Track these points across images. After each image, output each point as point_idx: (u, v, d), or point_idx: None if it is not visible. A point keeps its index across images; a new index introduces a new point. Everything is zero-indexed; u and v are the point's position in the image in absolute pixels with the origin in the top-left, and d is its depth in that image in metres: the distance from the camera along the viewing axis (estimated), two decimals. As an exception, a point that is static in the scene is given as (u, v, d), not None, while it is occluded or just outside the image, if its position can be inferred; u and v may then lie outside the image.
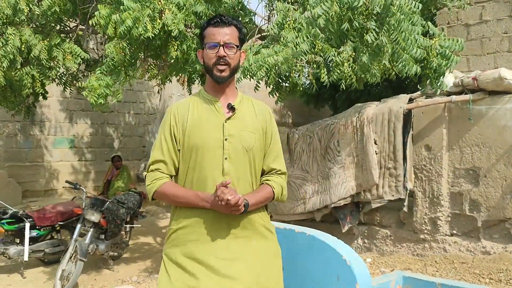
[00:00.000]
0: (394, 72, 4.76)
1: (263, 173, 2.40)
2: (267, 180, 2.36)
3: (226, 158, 2.25)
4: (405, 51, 4.33)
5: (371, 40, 4.25)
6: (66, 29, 7.10)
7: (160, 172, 2.30)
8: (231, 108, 2.32)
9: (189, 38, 5.28)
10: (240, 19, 5.89)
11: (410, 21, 4.34)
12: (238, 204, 2.10)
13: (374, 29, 4.26)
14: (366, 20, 4.29)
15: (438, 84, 4.94)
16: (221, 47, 2.23)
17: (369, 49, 4.40)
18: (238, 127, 2.29)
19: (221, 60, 2.24)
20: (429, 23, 4.71)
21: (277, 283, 2.33)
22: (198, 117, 2.30)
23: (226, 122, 2.28)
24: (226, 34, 2.24)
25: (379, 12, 4.27)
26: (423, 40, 4.49)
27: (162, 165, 2.30)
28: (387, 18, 4.23)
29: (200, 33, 2.35)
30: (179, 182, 2.34)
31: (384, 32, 4.25)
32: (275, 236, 2.41)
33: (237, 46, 2.28)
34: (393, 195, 6.28)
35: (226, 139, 2.26)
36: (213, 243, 2.22)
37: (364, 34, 4.30)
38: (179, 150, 2.31)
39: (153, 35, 4.84)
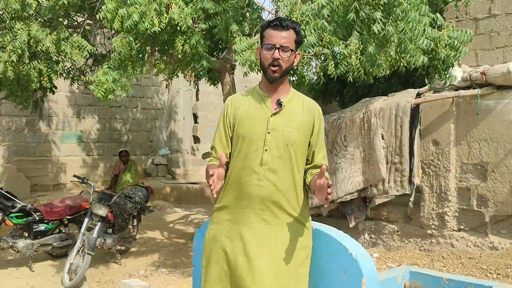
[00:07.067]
0: (402, 64, 4.73)
1: (308, 165, 2.54)
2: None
3: (266, 150, 2.44)
4: (412, 42, 4.30)
5: (378, 30, 4.23)
6: (73, 23, 7.12)
7: (212, 156, 2.58)
8: (279, 104, 2.49)
9: (196, 33, 5.27)
10: (248, 15, 5.86)
11: (418, 12, 4.31)
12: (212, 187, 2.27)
13: (380, 19, 4.23)
14: (372, 10, 4.26)
15: (447, 75, 4.91)
16: (277, 50, 2.39)
17: (375, 39, 4.37)
18: (282, 123, 2.45)
19: (275, 62, 2.40)
20: (438, 14, 4.67)
21: (297, 279, 2.45)
22: (248, 110, 2.51)
23: (271, 116, 2.46)
24: (283, 37, 2.40)
25: (386, 2, 4.25)
26: (431, 31, 4.45)
27: (213, 151, 2.57)
28: (394, 8, 4.20)
29: (261, 32, 2.51)
30: (229, 167, 2.54)
31: (391, 22, 4.22)
32: (308, 230, 2.54)
33: (292, 50, 2.43)
34: (398, 190, 6.26)
35: (268, 132, 2.44)
36: (245, 225, 2.43)
37: (371, 25, 4.28)
38: (231, 137, 2.54)
39: (159, 30, 4.83)
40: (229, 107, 2.57)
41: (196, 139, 15.34)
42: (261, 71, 2.52)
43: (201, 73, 6.61)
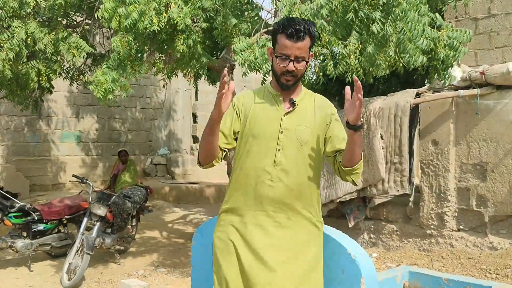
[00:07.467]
0: (401, 65, 4.72)
1: (334, 153, 2.44)
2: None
3: (279, 150, 2.36)
4: (411, 42, 4.29)
5: (377, 30, 4.22)
6: (72, 23, 7.11)
7: None
8: (292, 103, 2.42)
9: (195, 32, 5.26)
10: (246, 13, 5.86)
11: (417, 11, 4.31)
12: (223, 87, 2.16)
13: (379, 19, 4.22)
14: (371, 10, 4.26)
15: (446, 76, 4.90)
16: (291, 62, 2.30)
17: (374, 39, 4.37)
18: (295, 122, 2.38)
19: (289, 73, 2.32)
20: (437, 14, 4.68)
21: (309, 283, 2.38)
22: (260, 109, 2.42)
23: (284, 116, 2.39)
24: (298, 48, 2.29)
25: (385, 2, 4.25)
26: (430, 31, 4.45)
27: None
28: (393, 8, 4.20)
29: (273, 34, 2.38)
30: (234, 166, 2.48)
31: (390, 22, 4.22)
32: (320, 232, 2.47)
33: (307, 61, 2.35)
34: (398, 190, 6.26)
35: (282, 132, 2.37)
36: (256, 227, 2.36)
37: (370, 25, 4.28)
38: (237, 132, 2.44)
39: (158, 29, 4.83)
40: (239, 102, 2.47)
41: (195, 139, 15.33)
42: (273, 76, 2.44)
43: (200, 71, 6.60)
